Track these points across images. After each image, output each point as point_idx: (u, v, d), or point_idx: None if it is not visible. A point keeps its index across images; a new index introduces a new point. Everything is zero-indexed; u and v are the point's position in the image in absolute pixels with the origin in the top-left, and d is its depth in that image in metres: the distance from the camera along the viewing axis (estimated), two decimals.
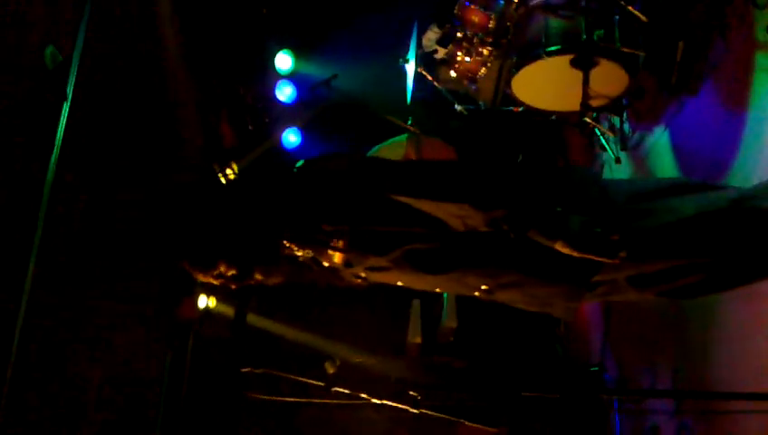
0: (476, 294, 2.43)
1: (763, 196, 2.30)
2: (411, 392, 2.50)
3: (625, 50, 4.10)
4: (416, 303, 5.22)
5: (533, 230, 2.10)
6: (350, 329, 5.16)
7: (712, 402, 3.44)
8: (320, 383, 2.37)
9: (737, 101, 3.65)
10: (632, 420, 4.44)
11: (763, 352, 3.15)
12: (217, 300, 4.82)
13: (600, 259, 2.08)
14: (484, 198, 2.11)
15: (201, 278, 2.25)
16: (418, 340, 5.10)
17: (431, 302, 5.07)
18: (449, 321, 5.06)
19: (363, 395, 2.40)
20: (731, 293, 2.53)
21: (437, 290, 2.55)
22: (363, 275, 2.41)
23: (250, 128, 5.71)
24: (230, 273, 2.26)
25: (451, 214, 2.15)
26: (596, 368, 4.77)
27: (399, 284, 2.46)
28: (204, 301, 4.78)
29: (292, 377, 2.32)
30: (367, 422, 4.32)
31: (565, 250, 2.09)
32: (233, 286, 2.32)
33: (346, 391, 2.39)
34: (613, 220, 2.14)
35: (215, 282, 2.27)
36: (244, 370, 2.40)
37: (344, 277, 2.44)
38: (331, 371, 3.65)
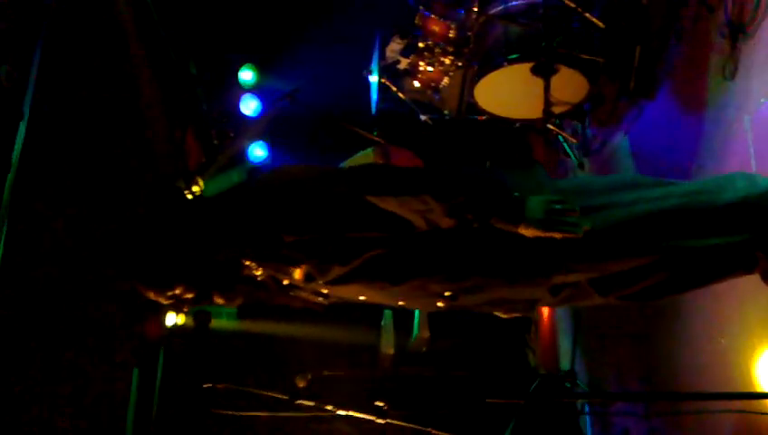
0: (440, 304, 2.40)
1: (715, 190, 2.32)
2: (377, 403, 2.48)
3: (584, 56, 4.15)
4: (388, 313, 5.21)
5: (495, 217, 2.10)
6: (321, 339, 5.13)
7: (681, 404, 3.47)
8: (283, 397, 2.34)
9: (693, 103, 3.70)
10: (602, 424, 4.46)
11: (726, 352, 3.19)
12: (186, 316, 4.78)
13: (564, 236, 2.07)
14: (444, 188, 2.10)
15: (151, 297, 2.20)
16: (391, 351, 5.09)
17: (403, 312, 5.06)
18: (422, 331, 5.05)
19: (328, 407, 2.38)
20: (695, 293, 2.55)
21: (400, 303, 2.52)
22: (325, 291, 2.38)
23: (215, 142, 5.68)
24: (187, 296, 2.22)
25: (413, 210, 2.13)
26: (566, 373, 4.79)
27: (362, 298, 2.43)
28: (172, 318, 4.74)
29: (253, 390, 2.29)
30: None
31: (529, 231, 2.08)
32: (184, 308, 2.27)
33: (311, 404, 2.37)
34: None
35: (164, 302, 2.22)
36: (206, 385, 2.37)
37: (304, 296, 2.40)
38: (301, 384, 3.62)
